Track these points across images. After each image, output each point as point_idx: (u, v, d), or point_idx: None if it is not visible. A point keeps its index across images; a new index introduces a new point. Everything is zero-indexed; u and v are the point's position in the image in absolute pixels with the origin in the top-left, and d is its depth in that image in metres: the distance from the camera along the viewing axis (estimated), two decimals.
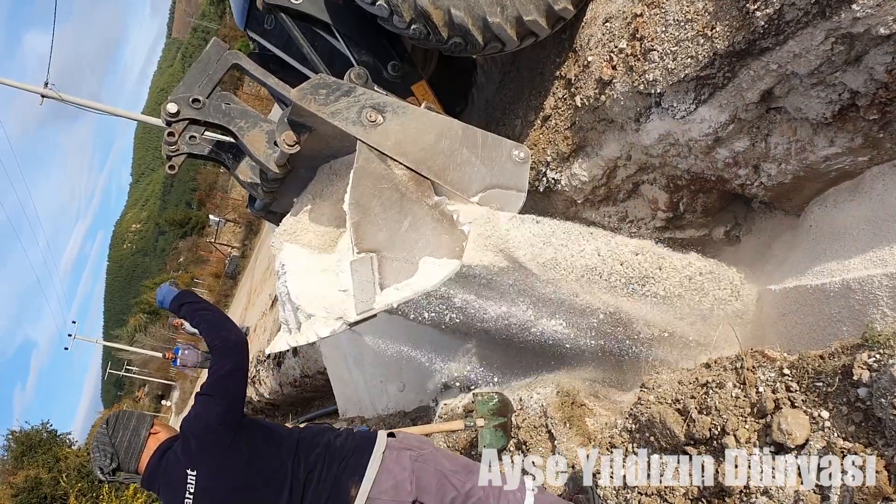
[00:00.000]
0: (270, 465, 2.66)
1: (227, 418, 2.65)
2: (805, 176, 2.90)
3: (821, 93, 2.50)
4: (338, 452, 2.74)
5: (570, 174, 3.68)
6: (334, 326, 2.87)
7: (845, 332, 2.60)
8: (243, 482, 2.61)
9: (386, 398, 7.42)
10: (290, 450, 2.72)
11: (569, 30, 3.65)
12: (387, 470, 2.68)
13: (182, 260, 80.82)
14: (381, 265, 2.74)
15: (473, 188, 3.05)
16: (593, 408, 3.48)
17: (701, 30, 2.71)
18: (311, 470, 2.68)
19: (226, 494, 2.60)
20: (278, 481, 2.63)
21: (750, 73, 2.63)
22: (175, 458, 2.64)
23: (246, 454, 2.63)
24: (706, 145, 3.01)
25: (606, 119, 3.40)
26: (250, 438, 2.67)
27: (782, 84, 2.61)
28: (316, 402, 14.67)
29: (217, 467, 2.59)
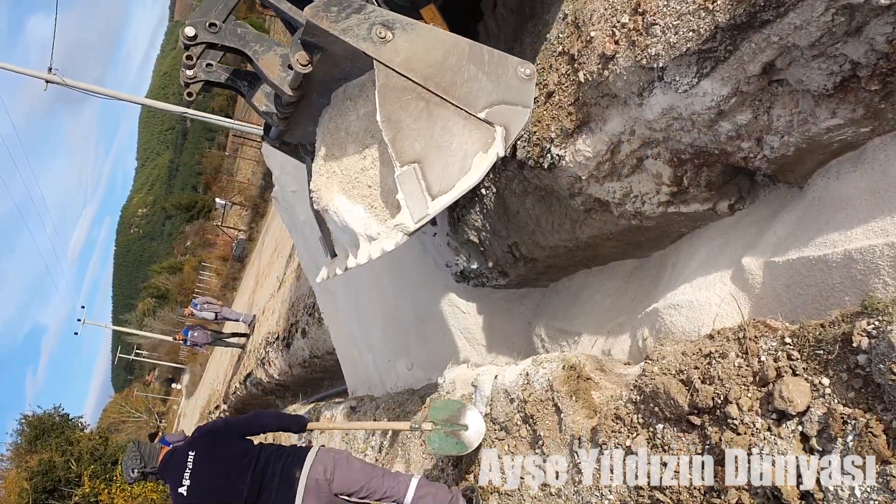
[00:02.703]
0: (245, 453, 4.09)
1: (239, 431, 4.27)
2: (807, 148, 2.91)
3: (822, 64, 2.51)
4: (286, 451, 4.21)
5: (575, 150, 3.70)
6: (396, 238, 3.14)
7: (847, 302, 2.62)
8: (225, 462, 4.03)
9: (395, 376, 7.49)
10: (256, 446, 4.17)
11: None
12: (319, 461, 4.08)
13: (189, 244, 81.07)
14: (424, 173, 2.94)
15: (480, 104, 3.11)
16: (599, 381, 3.52)
17: (702, 3, 2.72)
18: (268, 458, 4.09)
19: (212, 468, 4.02)
20: (247, 462, 4.03)
21: (751, 45, 2.64)
22: (178, 453, 4.12)
23: (231, 445, 4.13)
24: (709, 119, 3.02)
25: (610, 94, 3.41)
26: (235, 439, 4.19)
27: (784, 56, 2.61)
28: (325, 382, 14.78)
29: (208, 449, 4.10)
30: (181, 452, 4.08)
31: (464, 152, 2.98)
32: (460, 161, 2.98)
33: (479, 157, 3.01)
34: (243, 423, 4.35)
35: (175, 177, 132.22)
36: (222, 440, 4.14)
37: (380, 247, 3.29)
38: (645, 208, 3.73)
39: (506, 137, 3.12)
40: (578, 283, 5.13)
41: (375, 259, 3.40)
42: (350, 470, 4.10)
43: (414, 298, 6.61)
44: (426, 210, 3.02)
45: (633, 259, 4.65)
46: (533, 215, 4.51)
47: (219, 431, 4.24)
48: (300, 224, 8.38)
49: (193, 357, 45.64)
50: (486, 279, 5.64)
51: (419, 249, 6.31)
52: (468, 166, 2.98)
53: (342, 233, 3.62)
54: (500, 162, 4.43)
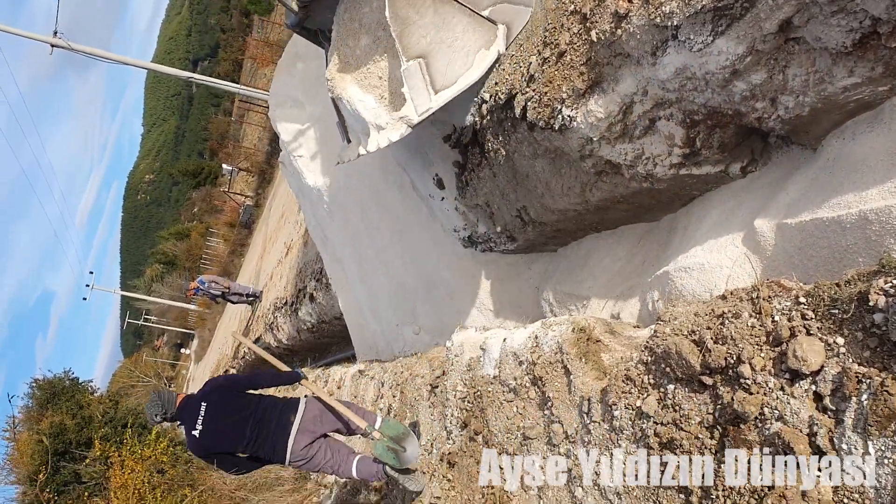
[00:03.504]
0: (247, 405, 4.96)
1: (244, 385, 5.17)
2: (823, 108, 2.86)
3: (841, 21, 2.46)
4: (280, 401, 5.12)
5: (586, 111, 3.65)
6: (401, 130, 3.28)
7: (861, 263, 2.60)
8: (230, 413, 4.89)
9: (402, 341, 7.52)
10: (256, 397, 5.05)
11: None
12: (309, 409, 5.04)
13: (196, 210, 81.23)
14: (429, 68, 3.03)
15: (484, 2, 3.13)
16: (609, 343, 3.52)
17: None
18: (266, 407, 4.97)
19: (221, 413, 4.88)
20: (249, 413, 4.90)
21: (769, 2, 2.58)
22: (192, 401, 4.97)
23: (236, 398, 4.99)
24: (723, 78, 2.97)
25: (622, 54, 3.36)
26: (238, 394, 5.04)
27: (801, 13, 2.56)
28: (333, 347, 14.87)
29: (219, 400, 4.95)
30: (194, 402, 4.93)
31: (467, 49, 3.07)
32: (463, 57, 3.07)
33: (482, 54, 3.13)
34: (244, 380, 5.28)
35: (181, 143, 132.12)
36: (228, 395, 4.99)
37: (386, 137, 3.35)
38: (657, 170, 3.70)
39: (507, 35, 3.19)
40: (587, 247, 5.11)
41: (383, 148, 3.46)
42: (324, 417, 5.10)
43: (421, 264, 6.60)
44: (429, 104, 3.15)
45: (644, 223, 4.62)
46: (542, 178, 4.48)
47: (224, 387, 5.08)
48: (307, 189, 8.35)
49: (202, 322, 45.92)
50: (494, 244, 5.62)
51: (426, 215, 6.29)
52: (471, 62, 3.09)
53: (355, 121, 3.73)
54: (511, 124, 4.40)
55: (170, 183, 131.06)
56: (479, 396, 4.60)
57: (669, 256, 3.96)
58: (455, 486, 4.74)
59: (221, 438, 4.85)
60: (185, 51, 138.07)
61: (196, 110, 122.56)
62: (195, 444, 4.90)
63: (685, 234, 4.01)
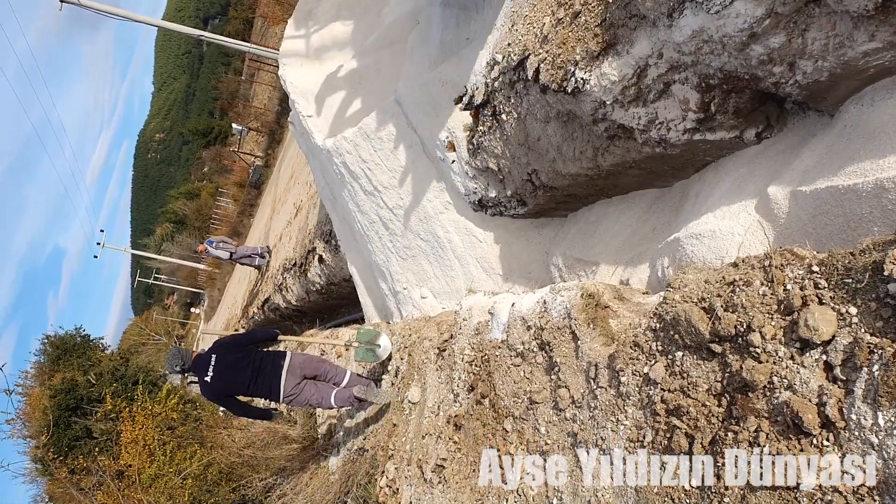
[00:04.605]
0: (247, 355, 6.28)
1: (243, 342, 6.52)
2: (842, 73, 2.80)
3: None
4: (272, 353, 6.51)
5: (600, 74, 3.59)
6: None
7: (876, 232, 2.56)
8: (234, 362, 6.21)
9: (410, 304, 7.52)
10: (254, 351, 6.43)
11: None
12: (295, 358, 6.46)
13: (206, 170, 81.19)
14: None
15: None
16: (617, 309, 3.51)
17: None
18: (262, 357, 6.35)
19: (227, 364, 6.20)
20: (248, 362, 6.24)
21: None
22: (204, 356, 6.29)
23: (238, 351, 6.31)
24: (741, 41, 2.91)
25: (638, 15, 3.29)
26: (240, 348, 6.37)
27: None
28: (342, 308, 14.93)
29: (224, 354, 6.27)
30: (206, 355, 6.29)
31: None
32: None
33: None
34: (243, 337, 6.70)
35: (192, 102, 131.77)
36: (232, 348, 6.37)
37: None
38: (670, 135, 3.65)
39: None
40: (598, 212, 5.07)
41: None
42: (313, 361, 6.66)
43: (431, 226, 6.57)
44: None
45: (655, 189, 4.58)
46: (554, 142, 4.43)
47: (229, 343, 6.50)
48: (316, 149, 8.30)
49: (212, 282, 46.15)
50: (505, 208, 5.59)
51: (436, 177, 6.25)
52: None
53: None
54: (523, 86, 4.34)
55: (180, 142, 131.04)
56: (486, 360, 4.61)
57: (681, 223, 3.92)
58: (461, 447, 4.78)
59: (228, 383, 6.16)
60: (195, 8, 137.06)
61: (206, 69, 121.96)
62: (207, 388, 6.21)
63: (697, 201, 3.96)
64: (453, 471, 4.78)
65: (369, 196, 7.32)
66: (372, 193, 7.22)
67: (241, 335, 6.81)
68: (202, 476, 10.87)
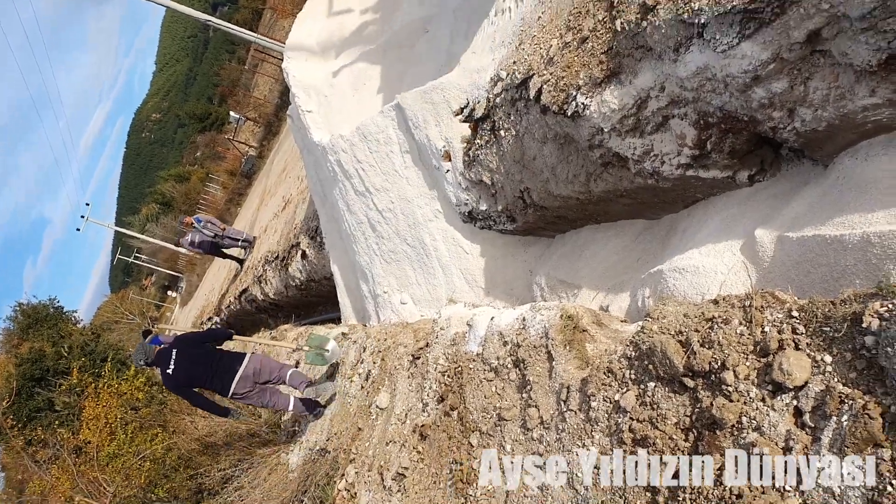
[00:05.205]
0: (207, 354, 6.81)
1: (201, 339, 7.15)
2: (840, 125, 2.83)
3: (870, 38, 2.42)
4: (232, 354, 6.99)
5: (601, 100, 3.62)
6: None
7: (858, 285, 2.58)
8: (194, 359, 6.72)
9: (389, 309, 7.51)
10: (215, 350, 6.96)
11: None
12: (251, 362, 6.86)
13: (199, 154, 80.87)
14: None
15: None
16: (595, 334, 3.51)
17: None
18: (220, 357, 6.84)
19: (187, 357, 6.69)
20: (208, 360, 6.75)
21: (800, 10, 2.54)
22: (166, 351, 6.77)
23: (197, 347, 6.85)
24: (744, 83, 2.94)
25: (645, 46, 3.32)
26: (201, 345, 6.92)
27: (831, 26, 2.52)
28: (320, 307, 14.88)
29: (184, 349, 6.75)
30: (168, 350, 6.80)
31: None
32: None
33: None
34: (203, 335, 7.47)
35: (192, 85, 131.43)
36: (193, 346, 6.90)
37: None
38: (664, 168, 3.67)
39: None
40: (585, 237, 5.09)
41: None
42: (268, 367, 7.02)
43: (418, 233, 6.58)
44: None
45: (644, 219, 4.60)
46: (549, 163, 4.45)
47: (189, 339, 7.09)
48: (312, 145, 8.29)
49: (192, 267, 45.89)
50: (494, 222, 5.60)
51: (429, 184, 6.26)
52: None
53: None
54: (524, 105, 4.35)
55: (175, 124, 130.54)
56: (459, 372, 4.60)
57: (666, 256, 3.95)
58: (424, 458, 4.76)
59: (187, 375, 6.70)
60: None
61: (210, 55, 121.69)
62: (168, 379, 6.72)
63: (684, 236, 3.99)
64: (414, 480, 4.75)
65: (360, 196, 7.31)
66: (363, 194, 7.22)
67: (201, 332, 7.85)
68: (161, 460, 10.76)
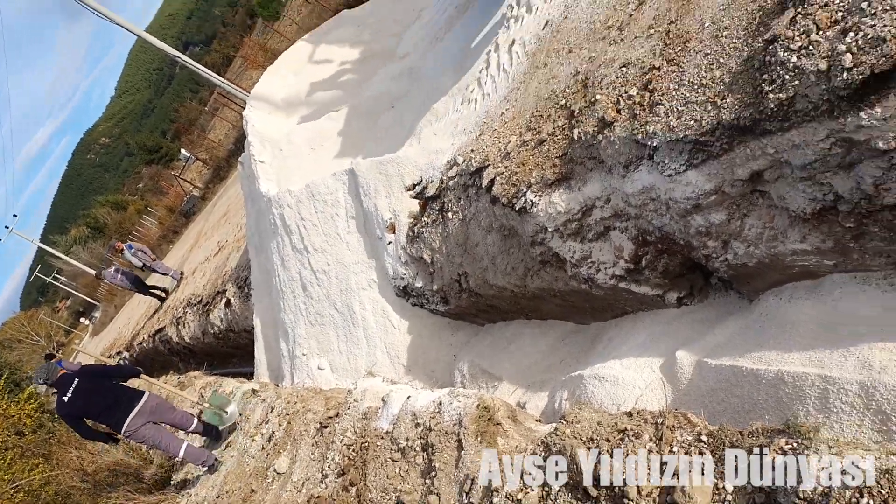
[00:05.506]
0: (109, 388, 6.84)
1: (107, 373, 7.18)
2: (769, 264, 2.95)
3: (808, 188, 2.55)
4: (131, 390, 6.98)
5: (549, 201, 3.71)
6: None
7: (767, 420, 2.65)
8: (94, 391, 6.70)
9: (305, 372, 7.35)
10: (117, 385, 6.98)
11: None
12: (149, 400, 6.85)
13: (141, 186, 79.44)
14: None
15: None
16: (508, 430, 3.49)
17: (712, 97, 2.76)
18: (120, 392, 6.87)
19: (88, 389, 6.66)
20: (107, 393, 6.77)
21: (746, 150, 2.68)
22: (68, 377, 6.71)
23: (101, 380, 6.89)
24: (685, 209, 3.05)
25: (597, 158, 3.43)
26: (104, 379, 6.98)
27: (773, 170, 2.66)
28: (234, 359, 14.48)
29: (87, 380, 6.74)
30: (70, 376, 6.74)
31: None
32: None
33: None
34: (111, 369, 7.46)
35: (148, 117, 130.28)
36: (97, 377, 6.93)
37: None
38: (598, 276, 3.75)
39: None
40: (514, 330, 5.12)
41: None
42: (164, 407, 7.05)
43: (349, 300, 6.52)
44: None
45: (573, 323, 4.66)
46: (490, 252, 4.50)
47: (95, 372, 7.15)
48: (258, 195, 8.24)
49: (110, 297, 44.37)
50: (427, 301, 5.60)
51: (369, 253, 6.25)
52: None
53: None
54: (475, 192, 4.43)
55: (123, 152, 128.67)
56: (365, 448, 4.50)
57: (589, 362, 3.99)
58: None
59: (84, 406, 6.68)
60: (180, 31, 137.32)
61: (173, 90, 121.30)
62: (63, 406, 6.67)
63: (609, 345, 4.05)
64: None
65: (297, 253, 7.24)
66: (301, 252, 7.15)
67: (109, 367, 7.73)
68: (37, 492, 10.12)
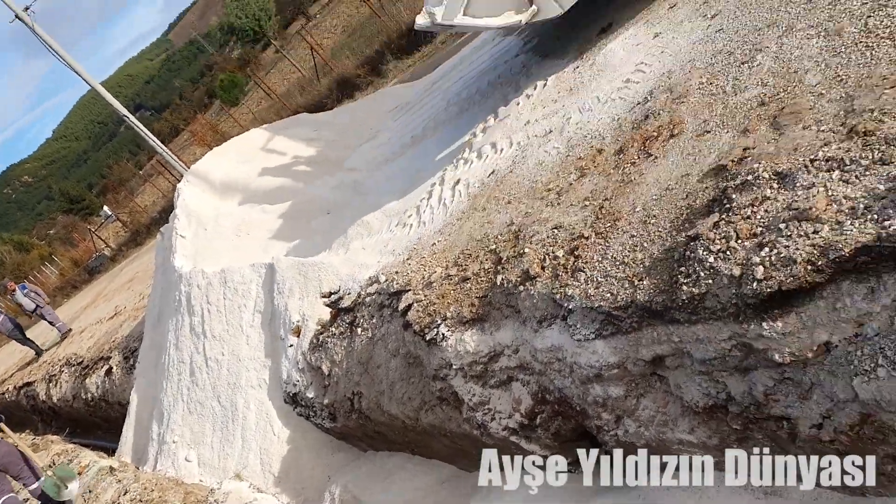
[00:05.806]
0: None
1: None
2: (655, 447, 3.01)
3: (704, 382, 2.65)
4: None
5: (460, 338, 3.73)
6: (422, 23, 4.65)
7: None
8: None
9: (170, 461, 6.95)
10: None
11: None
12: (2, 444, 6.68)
13: (52, 232, 76.56)
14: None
15: None
16: None
17: (630, 276, 2.89)
18: None
19: None
20: None
21: (653, 333, 2.78)
22: None
23: None
24: (587, 376, 3.11)
25: (515, 307, 3.50)
26: None
27: (675, 357, 2.76)
28: (99, 431, 13.61)
29: None
30: None
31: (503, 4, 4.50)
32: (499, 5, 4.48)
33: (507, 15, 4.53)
34: None
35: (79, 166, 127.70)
36: None
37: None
38: (492, 425, 3.74)
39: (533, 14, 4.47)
40: (396, 463, 5.00)
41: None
42: (13, 456, 6.70)
43: (234, 396, 6.28)
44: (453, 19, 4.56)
45: (456, 467, 4.59)
46: (391, 377, 4.45)
47: None
48: (170, 269, 8.04)
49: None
50: (314, 413, 5.44)
51: (267, 352, 6.10)
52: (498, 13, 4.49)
53: None
54: (390, 313, 4.42)
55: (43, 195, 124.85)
56: None
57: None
58: None
59: None
60: (135, 92, 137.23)
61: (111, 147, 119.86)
62: None
63: (487, 498, 3.98)
64: None
65: (194, 336, 7.01)
66: (198, 335, 6.93)
67: None
68: None
